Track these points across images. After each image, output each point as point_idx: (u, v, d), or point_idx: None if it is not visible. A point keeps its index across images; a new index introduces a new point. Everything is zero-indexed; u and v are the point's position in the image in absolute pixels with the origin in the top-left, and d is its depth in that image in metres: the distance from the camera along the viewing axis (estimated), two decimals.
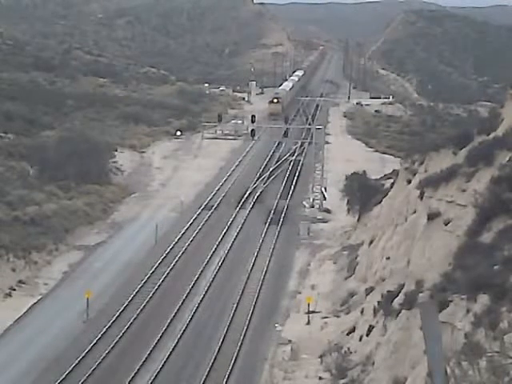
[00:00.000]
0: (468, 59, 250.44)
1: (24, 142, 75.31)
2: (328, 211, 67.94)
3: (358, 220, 59.51)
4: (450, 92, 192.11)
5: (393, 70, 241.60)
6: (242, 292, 47.46)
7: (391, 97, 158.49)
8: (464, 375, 12.76)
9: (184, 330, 41.35)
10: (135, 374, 35.97)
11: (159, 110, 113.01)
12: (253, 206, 68.64)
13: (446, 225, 33.77)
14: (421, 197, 38.90)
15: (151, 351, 38.46)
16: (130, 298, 45.36)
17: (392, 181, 55.07)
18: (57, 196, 63.29)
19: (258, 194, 72.20)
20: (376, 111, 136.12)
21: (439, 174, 37.65)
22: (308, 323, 42.90)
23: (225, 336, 40.61)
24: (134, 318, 42.55)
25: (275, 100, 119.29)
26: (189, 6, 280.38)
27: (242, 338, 40.41)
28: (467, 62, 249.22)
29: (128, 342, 39.88)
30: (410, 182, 44.63)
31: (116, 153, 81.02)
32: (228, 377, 35.99)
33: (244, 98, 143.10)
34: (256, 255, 54.88)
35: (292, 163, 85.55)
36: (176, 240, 57.44)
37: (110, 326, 41.31)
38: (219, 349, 38.91)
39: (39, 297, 45.83)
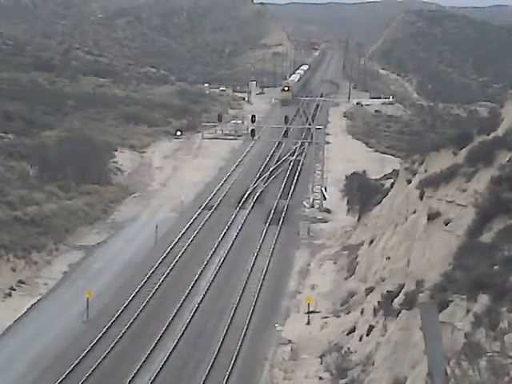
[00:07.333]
0: (468, 59, 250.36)
1: (24, 142, 75.29)
2: (328, 211, 67.94)
3: (358, 220, 59.51)
4: (450, 92, 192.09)
5: (393, 70, 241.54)
6: (242, 292, 47.46)
7: (391, 97, 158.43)
8: (464, 375, 12.76)
9: (184, 330, 41.37)
10: (135, 374, 35.98)
11: (159, 109, 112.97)
12: (253, 205, 68.64)
13: (446, 225, 33.76)
14: (421, 197, 38.90)
15: (151, 351, 38.47)
16: (130, 298, 45.37)
17: (392, 181, 55.09)
18: (57, 196, 63.30)
19: (258, 194, 72.21)
20: (376, 111, 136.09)
21: (439, 174, 37.65)
22: (308, 323, 42.90)
23: (225, 336, 40.61)
24: (134, 318, 42.55)
25: (286, 88, 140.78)
26: (189, 6, 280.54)
27: (242, 337, 40.42)
28: (467, 62, 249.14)
29: (128, 341, 39.89)
30: (410, 181, 44.64)
31: (116, 153, 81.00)
32: (228, 377, 36.01)
33: (244, 98, 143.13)
34: (256, 255, 54.89)
35: (292, 163, 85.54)
36: (176, 240, 57.45)
37: (110, 326, 41.32)
38: (219, 349, 38.92)
39: (39, 297, 45.82)
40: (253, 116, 76.49)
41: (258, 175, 79.91)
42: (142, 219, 63.87)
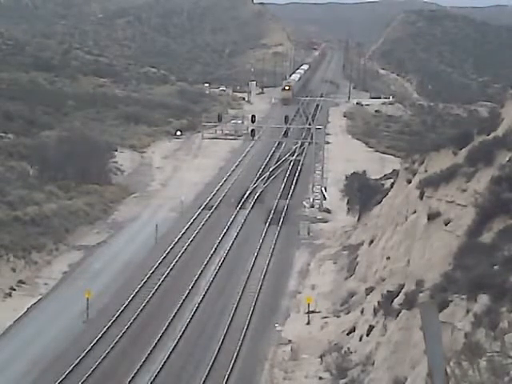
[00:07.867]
0: (468, 59, 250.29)
1: (24, 142, 75.32)
2: (328, 211, 67.94)
3: (358, 220, 59.52)
4: (450, 92, 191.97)
5: (393, 70, 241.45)
6: (242, 292, 47.47)
7: (391, 97, 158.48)
8: (464, 375, 12.76)
9: (184, 330, 41.36)
10: (135, 374, 35.98)
11: (159, 109, 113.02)
12: (253, 205, 68.64)
13: (446, 225, 33.77)
14: (421, 197, 38.91)
15: (151, 351, 38.47)
16: (130, 298, 45.37)
17: (392, 181, 55.09)
18: (57, 196, 63.29)
19: (258, 194, 72.21)
20: (376, 111, 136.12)
21: (439, 174, 37.67)
22: (308, 323, 42.90)
23: (225, 336, 40.61)
24: (134, 318, 42.55)
25: (287, 87, 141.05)
26: (189, 6, 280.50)
27: (242, 337, 40.42)
28: (467, 61, 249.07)
29: (128, 341, 39.88)
30: (410, 181, 44.64)
31: (116, 153, 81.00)
32: (228, 377, 36.00)
33: (244, 98, 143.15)
34: (256, 255, 54.89)
35: (292, 163, 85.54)
36: (176, 240, 57.45)
37: (109, 326, 41.32)
38: (219, 349, 38.92)
39: (39, 297, 45.83)
40: (253, 116, 76.49)
41: (257, 175, 79.91)
42: (141, 219, 63.87)
